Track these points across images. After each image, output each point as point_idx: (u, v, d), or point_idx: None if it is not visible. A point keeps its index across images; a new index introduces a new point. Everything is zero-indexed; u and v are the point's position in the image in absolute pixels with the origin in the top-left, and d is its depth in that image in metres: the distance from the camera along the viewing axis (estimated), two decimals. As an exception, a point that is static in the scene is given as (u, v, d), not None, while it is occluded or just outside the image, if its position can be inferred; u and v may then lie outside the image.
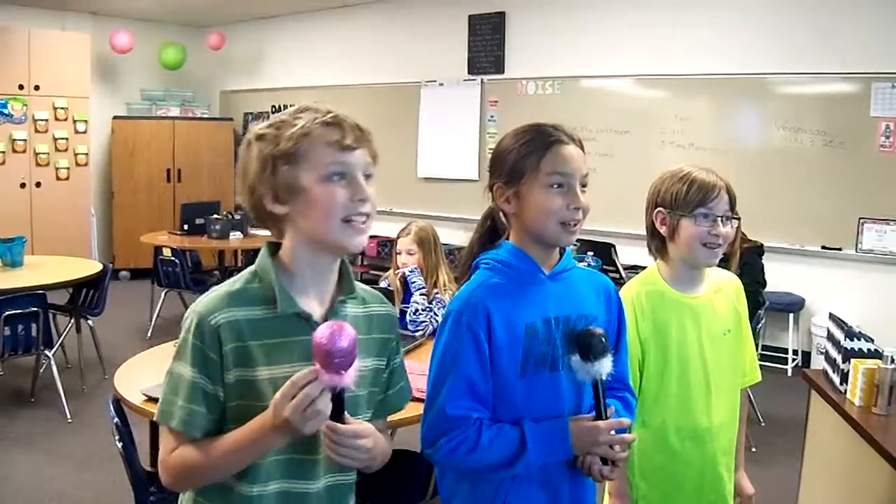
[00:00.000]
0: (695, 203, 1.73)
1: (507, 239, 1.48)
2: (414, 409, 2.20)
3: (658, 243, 1.83)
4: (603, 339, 1.37)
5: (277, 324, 1.20)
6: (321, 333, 1.10)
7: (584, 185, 1.41)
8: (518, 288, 1.42)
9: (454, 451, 1.36)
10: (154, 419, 1.21)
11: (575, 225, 1.40)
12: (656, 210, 1.79)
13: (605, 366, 1.37)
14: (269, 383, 1.18)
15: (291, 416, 1.09)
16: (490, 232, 1.51)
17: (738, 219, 1.83)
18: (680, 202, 1.74)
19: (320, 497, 1.26)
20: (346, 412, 1.17)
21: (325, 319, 1.22)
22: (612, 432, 1.38)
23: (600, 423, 1.38)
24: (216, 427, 1.19)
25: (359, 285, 1.35)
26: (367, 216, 1.21)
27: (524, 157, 1.40)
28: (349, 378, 1.12)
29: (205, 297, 1.22)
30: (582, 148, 1.44)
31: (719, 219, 1.74)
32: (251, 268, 1.26)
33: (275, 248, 1.27)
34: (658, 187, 1.80)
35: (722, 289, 1.85)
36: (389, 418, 1.43)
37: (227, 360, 1.18)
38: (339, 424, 1.16)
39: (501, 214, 1.49)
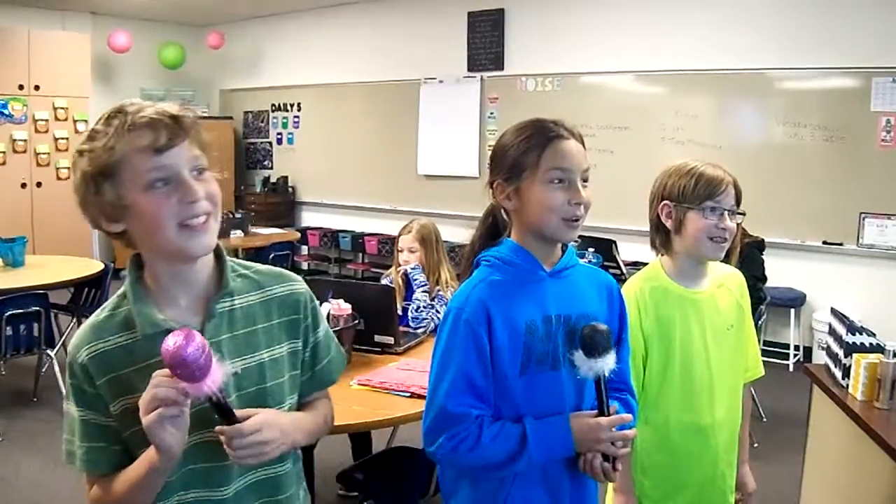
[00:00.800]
0: (703, 196, 1.73)
1: (509, 236, 1.48)
2: (413, 407, 2.22)
3: (662, 237, 1.82)
4: (606, 336, 1.37)
5: (145, 345, 1.14)
6: (165, 346, 1.04)
7: (585, 180, 1.40)
8: (519, 285, 1.42)
9: (455, 449, 1.35)
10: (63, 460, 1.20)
11: (576, 220, 1.39)
12: (662, 203, 1.79)
13: (608, 362, 1.36)
14: None
15: (149, 431, 1.06)
16: (491, 229, 1.51)
17: (743, 214, 1.83)
18: (688, 195, 1.74)
19: (239, 498, 1.21)
20: (234, 413, 1.13)
21: (203, 325, 1.17)
22: (614, 429, 1.38)
23: (602, 419, 1.38)
24: (124, 458, 1.16)
25: (256, 269, 1.29)
26: (206, 215, 1.13)
27: (524, 153, 1.39)
28: (211, 384, 1.07)
29: (76, 332, 1.19)
30: (582, 143, 1.43)
31: (726, 213, 1.74)
32: (120, 289, 1.21)
33: (140, 261, 1.20)
34: (664, 181, 1.80)
35: (725, 284, 1.85)
36: (391, 415, 1.42)
37: (103, 392, 1.14)
38: (225, 428, 1.12)
39: (502, 211, 1.48)
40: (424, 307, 3.09)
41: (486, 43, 7.02)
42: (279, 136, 8.85)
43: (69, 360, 1.17)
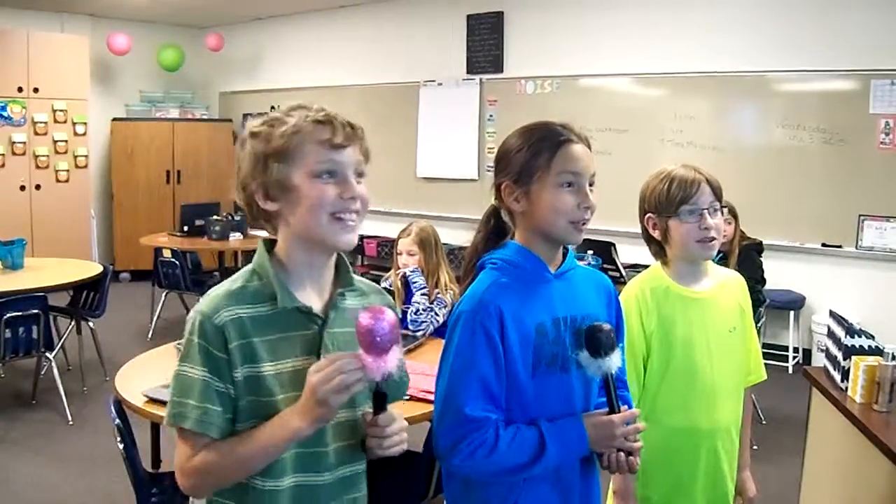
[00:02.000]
0: (677, 201, 1.73)
1: (513, 238, 1.48)
2: (412, 410, 2.21)
3: (656, 248, 1.83)
4: (610, 334, 1.38)
5: (279, 319, 1.22)
6: (364, 316, 1.14)
7: (592, 185, 1.42)
8: (527, 288, 1.42)
9: (473, 455, 1.34)
10: (165, 423, 1.21)
11: (584, 224, 1.41)
12: (646, 216, 1.80)
13: (614, 360, 1.38)
14: (274, 378, 1.20)
15: (317, 385, 1.12)
16: (494, 231, 1.51)
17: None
18: (664, 204, 1.75)
19: (332, 487, 1.27)
20: (387, 399, 1.22)
21: (326, 312, 1.26)
22: (626, 424, 1.40)
23: (614, 416, 1.39)
24: (230, 426, 1.20)
25: (358, 278, 1.37)
26: (356, 213, 1.23)
27: (535, 156, 1.40)
28: (389, 363, 1.15)
29: (206, 297, 1.23)
30: (589, 147, 1.44)
31: (705, 211, 1.73)
32: (249, 266, 1.28)
33: (271, 244, 1.28)
34: (644, 193, 1.82)
35: (727, 286, 1.85)
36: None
37: (233, 357, 1.18)
38: (382, 415, 1.22)
39: (506, 213, 1.49)
40: (424, 310, 3.09)
41: (485, 45, 7.03)
42: (278, 139, 8.84)
43: (200, 321, 1.19)
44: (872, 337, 2.38)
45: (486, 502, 1.44)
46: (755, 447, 3.80)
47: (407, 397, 2.30)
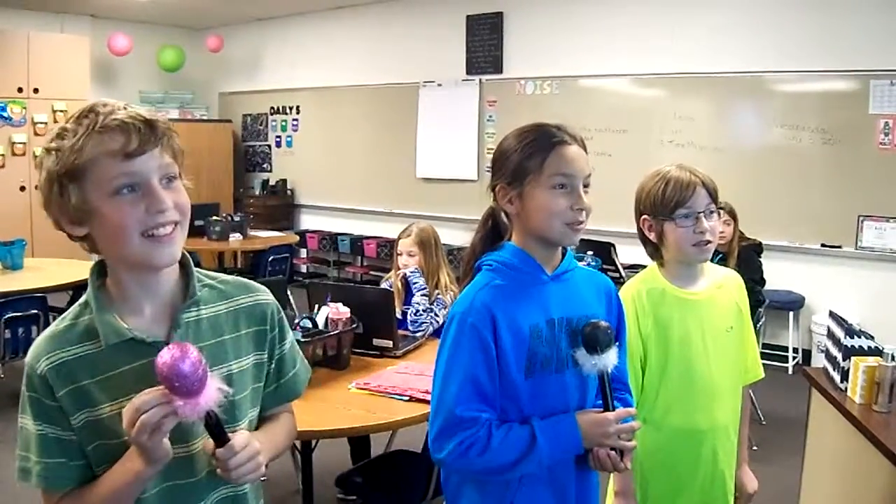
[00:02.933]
0: (673, 205, 1.73)
1: (510, 239, 1.48)
2: (412, 410, 2.21)
3: (651, 248, 1.84)
4: (607, 332, 1.38)
5: (109, 355, 1.10)
6: (161, 360, 1.01)
7: (586, 186, 1.41)
8: (521, 289, 1.42)
9: (465, 454, 1.35)
10: (15, 479, 1.13)
11: (579, 225, 1.40)
12: (642, 218, 1.80)
13: (610, 358, 1.38)
14: (117, 418, 1.06)
15: (136, 442, 1.03)
16: (492, 232, 1.51)
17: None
18: (659, 207, 1.75)
19: None
20: (224, 430, 1.09)
21: (169, 335, 1.14)
22: (620, 422, 1.40)
23: (608, 413, 1.39)
24: (86, 473, 1.11)
25: (222, 278, 1.26)
26: (172, 224, 1.11)
27: (528, 158, 1.40)
28: (205, 402, 1.03)
29: (34, 342, 1.14)
30: (584, 148, 1.43)
31: (701, 215, 1.73)
32: (82, 297, 1.16)
33: (104, 268, 1.17)
34: (639, 195, 1.82)
35: (724, 285, 1.86)
36: (389, 418, 1.40)
37: (65, 405, 1.09)
38: (220, 450, 1.09)
39: (503, 215, 1.49)
40: (424, 311, 3.09)
41: (484, 46, 7.03)
42: (278, 139, 8.85)
43: (27, 372, 1.10)
44: (872, 337, 2.38)
45: (482, 501, 1.45)
46: (755, 448, 3.81)
47: (407, 398, 2.30)
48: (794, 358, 5.45)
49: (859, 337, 2.37)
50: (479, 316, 1.37)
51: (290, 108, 8.69)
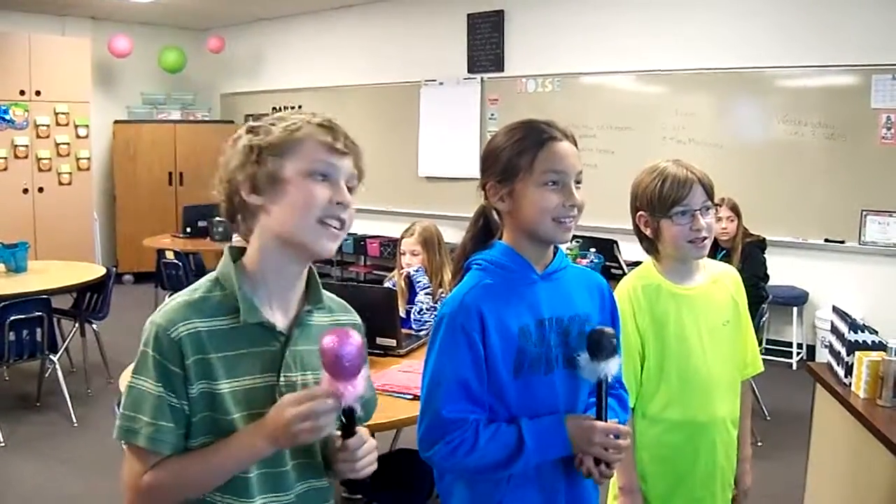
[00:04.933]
0: (669, 202, 1.72)
1: (501, 238, 1.47)
2: (416, 409, 2.19)
3: (647, 244, 1.84)
4: (612, 340, 1.36)
5: (239, 334, 1.16)
6: (328, 339, 1.09)
7: (578, 182, 1.40)
8: (511, 289, 1.41)
9: (452, 454, 1.35)
10: (115, 437, 1.15)
11: (570, 222, 1.39)
12: (638, 214, 1.80)
13: (612, 366, 1.36)
14: (230, 396, 1.15)
15: (291, 422, 1.08)
16: (483, 231, 1.50)
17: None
18: (656, 204, 1.74)
19: None
20: (355, 423, 1.17)
21: (291, 329, 1.21)
22: (609, 436, 1.37)
23: (597, 423, 1.37)
24: (183, 443, 1.15)
25: (327, 294, 1.32)
26: (342, 222, 1.19)
27: (518, 155, 1.38)
28: (359, 387, 1.11)
29: (163, 308, 1.17)
30: (575, 144, 1.42)
31: (697, 212, 1.73)
32: (211, 275, 1.21)
33: (238, 254, 1.23)
34: (635, 190, 1.81)
35: (720, 280, 1.86)
36: (393, 417, 1.41)
37: (189, 373, 1.13)
38: (349, 441, 1.17)
39: (495, 213, 1.48)
40: (427, 309, 3.10)
41: (485, 44, 7.03)
42: (280, 139, 8.85)
43: (156, 333, 1.13)
44: (876, 332, 2.38)
45: (472, 500, 1.45)
46: (759, 443, 3.81)
47: (410, 396, 2.31)
48: (797, 353, 5.45)
49: (863, 332, 2.36)
50: (467, 316, 1.36)
51: (292, 108, 8.68)
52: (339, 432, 1.19)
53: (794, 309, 5.43)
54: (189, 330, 1.13)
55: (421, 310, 3.10)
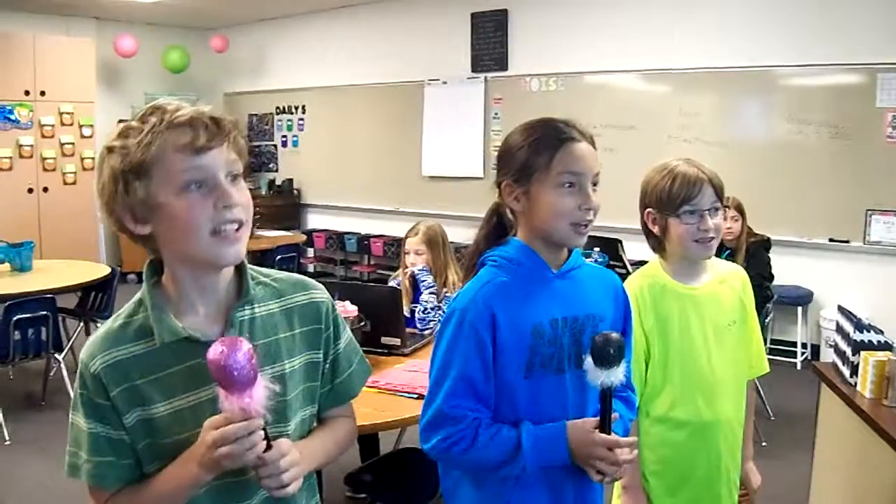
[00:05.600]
0: (679, 201, 1.72)
1: (515, 236, 1.45)
2: (421, 408, 2.21)
3: (654, 242, 1.83)
4: (617, 347, 1.32)
5: (163, 354, 1.10)
6: (213, 351, 1.02)
7: (595, 184, 1.37)
8: (525, 287, 1.39)
9: (448, 449, 1.35)
10: (64, 473, 1.14)
11: (586, 226, 1.37)
12: (646, 211, 1.80)
13: (616, 375, 1.32)
14: (171, 417, 1.10)
15: (211, 453, 1.04)
16: (496, 228, 1.48)
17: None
18: (665, 202, 1.74)
19: None
20: (268, 435, 1.08)
21: (223, 334, 1.13)
22: (609, 450, 1.34)
23: (597, 437, 1.34)
24: (134, 471, 1.12)
25: (276, 276, 1.24)
26: (238, 223, 1.09)
27: (535, 155, 1.36)
28: (258, 397, 1.04)
29: (88, 340, 1.14)
30: (594, 145, 1.40)
31: (706, 213, 1.72)
32: (136, 296, 1.16)
33: (158, 266, 1.16)
34: (644, 187, 1.81)
35: (727, 280, 1.85)
36: (398, 416, 1.40)
37: (117, 404, 1.09)
38: (268, 454, 1.08)
39: (509, 211, 1.46)
40: (432, 309, 3.10)
41: (489, 43, 7.02)
42: (284, 139, 8.86)
43: (80, 371, 1.11)
44: (881, 332, 2.37)
45: (478, 499, 1.44)
46: (764, 443, 3.80)
47: (415, 396, 2.31)
48: (802, 353, 5.43)
49: (869, 331, 2.36)
50: (478, 314, 1.35)
51: (296, 108, 8.70)
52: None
53: (799, 309, 5.42)
54: (107, 362, 1.09)
55: (425, 309, 3.10)
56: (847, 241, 5.33)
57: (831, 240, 5.39)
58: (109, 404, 1.09)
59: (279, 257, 6.08)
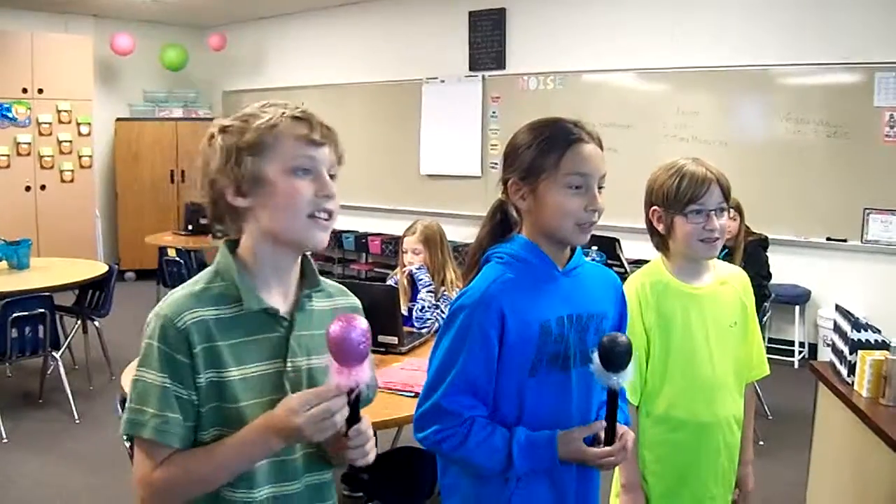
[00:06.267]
0: (686, 200, 1.72)
1: (519, 233, 1.45)
2: (421, 406, 2.21)
3: (658, 240, 1.83)
4: (625, 350, 1.32)
5: (244, 322, 1.17)
6: (335, 326, 1.10)
7: (601, 186, 1.39)
8: (533, 284, 1.40)
9: (439, 443, 1.37)
10: (121, 431, 1.15)
11: (590, 226, 1.38)
12: (652, 209, 1.80)
13: (624, 377, 1.32)
14: (240, 384, 1.15)
15: (306, 426, 1.08)
16: (500, 225, 1.48)
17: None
18: (671, 200, 1.74)
19: (303, 496, 1.24)
20: (359, 409, 1.16)
21: (292, 314, 1.21)
22: (599, 459, 1.36)
23: (589, 451, 1.36)
24: (192, 436, 1.14)
25: (323, 279, 1.32)
26: (330, 213, 1.19)
27: (543, 154, 1.37)
28: (367, 371, 1.11)
29: (166, 300, 1.18)
30: (601, 146, 1.41)
31: (712, 213, 1.72)
32: (210, 268, 1.22)
33: (234, 245, 1.23)
34: (651, 185, 1.80)
35: (728, 281, 1.85)
36: (395, 415, 1.41)
37: (197, 362, 1.13)
38: (358, 425, 1.16)
39: (513, 209, 1.46)
40: (429, 307, 3.09)
41: (487, 42, 7.02)
42: (282, 137, 8.85)
43: (163, 325, 1.13)
44: (879, 331, 2.38)
45: (480, 497, 1.44)
46: (761, 442, 3.80)
47: (412, 394, 2.31)
48: (800, 352, 5.44)
49: (866, 330, 2.36)
50: (486, 312, 1.35)
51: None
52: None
53: (797, 307, 5.43)
54: (195, 319, 1.14)
55: (423, 308, 3.10)
56: (845, 240, 5.34)
57: (829, 239, 5.40)
58: (189, 362, 1.13)
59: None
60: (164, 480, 1.12)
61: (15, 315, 3.98)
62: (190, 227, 6.51)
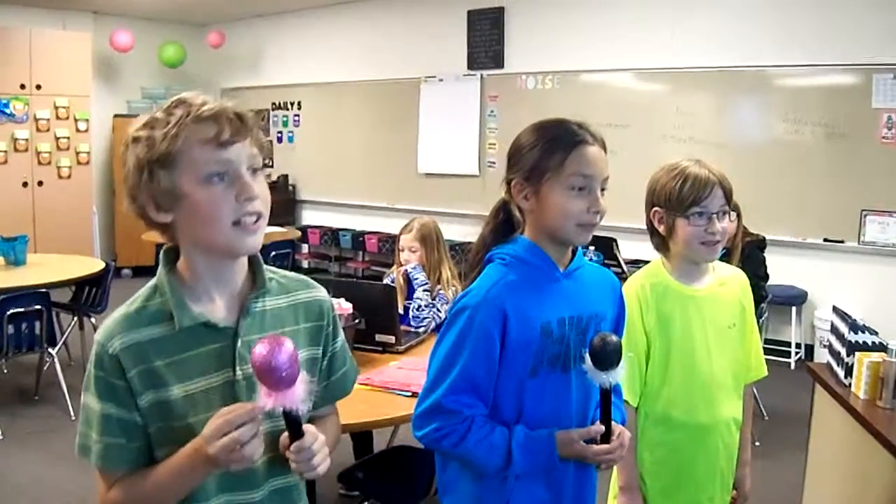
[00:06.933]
0: (688, 202, 1.71)
1: (522, 233, 1.46)
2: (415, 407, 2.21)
3: (659, 241, 1.83)
4: (615, 349, 1.33)
5: (181, 338, 1.13)
6: (257, 351, 1.04)
7: (603, 189, 1.39)
8: (535, 286, 1.41)
9: (438, 441, 1.38)
10: (75, 453, 1.15)
11: (592, 227, 1.39)
12: (653, 210, 1.80)
13: (616, 376, 1.34)
14: (185, 401, 1.12)
15: (217, 456, 1.05)
16: (503, 225, 1.48)
17: (735, 211, 1.82)
18: (674, 202, 1.73)
19: (265, 503, 1.21)
20: (301, 424, 1.11)
21: (238, 322, 1.16)
22: (599, 455, 1.39)
23: (588, 449, 1.37)
24: (143, 456, 1.13)
25: (282, 273, 1.28)
26: (257, 215, 1.12)
27: (547, 155, 1.37)
28: (296, 396, 1.06)
29: (104, 323, 1.15)
30: (605, 149, 1.41)
31: (715, 216, 1.72)
32: (151, 282, 1.18)
33: (174, 254, 1.19)
34: (653, 186, 1.80)
35: (728, 283, 1.85)
36: (392, 414, 1.41)
37: (134, 385, 1.10)
38: (299, 442, 1.11)
39: (516, 209, 1.46)
40: (426, 306, 3.09)
41: (485, 41, 7.01)
42: (279, 135, 8.84)
43: (97, 351, 1.12)
44: (876, 333, 2.38)
45: (479, 495, 1.44)
46: (757, 443, 3.80)
47: (409, 393, 2.30)
48: (797, 353, 5.45)
49: (863, 332, 2.36)
50: (489, 312, 1.36)
51: (292, 104, 8.68)
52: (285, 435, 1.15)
53: (793, 308, 5.43)
54: (125, 344, 1.11)
55: (419, 307, 3.09)
56: (842, 242, 5.34)
57: (826, 240, 5.41)
58: (125, 385, 1.11)
59: (273, 253, 6.06)
60: (117, 502, 1.13)
61: (11, 311, 3.98)
62: (187, 225, 6.49)
